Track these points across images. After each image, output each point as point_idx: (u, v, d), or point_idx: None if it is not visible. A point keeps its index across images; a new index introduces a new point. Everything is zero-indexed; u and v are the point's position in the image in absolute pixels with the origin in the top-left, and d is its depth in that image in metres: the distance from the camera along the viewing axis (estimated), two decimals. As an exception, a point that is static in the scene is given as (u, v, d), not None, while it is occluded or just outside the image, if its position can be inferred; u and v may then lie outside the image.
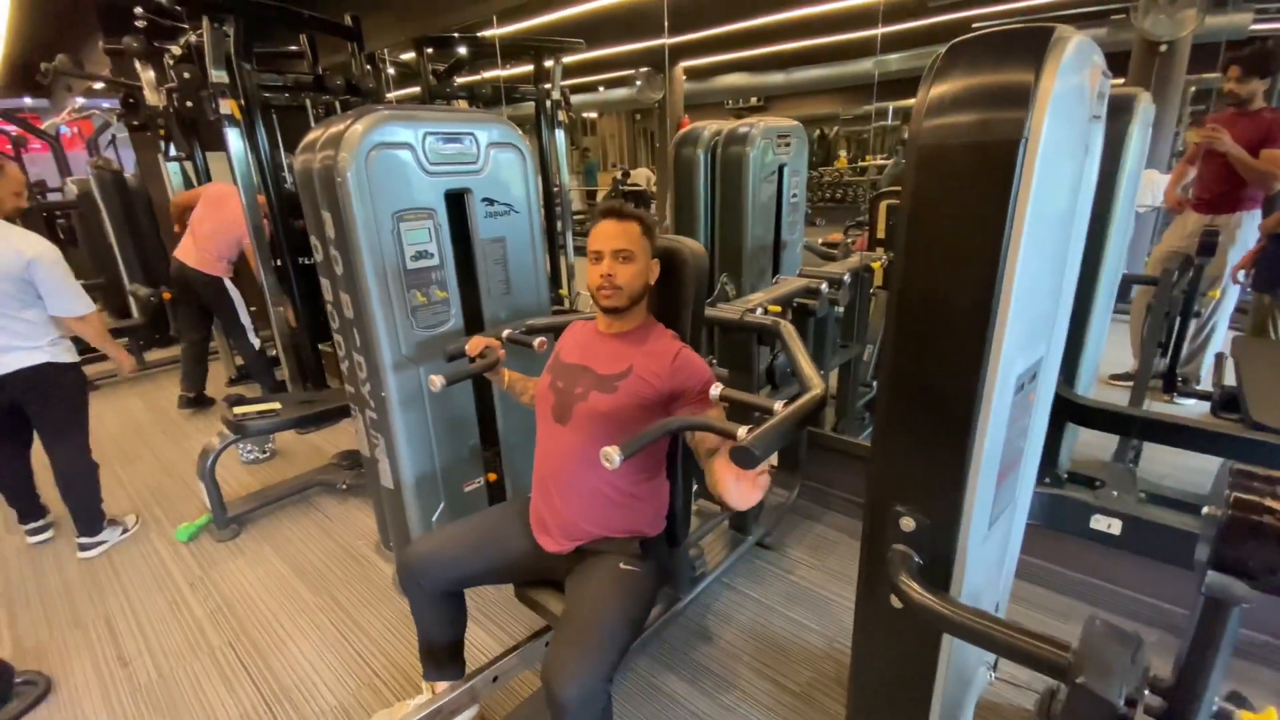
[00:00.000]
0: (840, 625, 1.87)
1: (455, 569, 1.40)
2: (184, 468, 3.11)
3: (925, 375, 0.84)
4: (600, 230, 1.31)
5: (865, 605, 1.04)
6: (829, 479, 2.49)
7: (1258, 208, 2.64)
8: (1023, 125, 0.71)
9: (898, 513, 0.91)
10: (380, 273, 1.68)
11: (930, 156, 0.78)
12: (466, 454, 2.00)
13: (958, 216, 0.77)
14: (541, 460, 1.39)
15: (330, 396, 2.82)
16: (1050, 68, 0.72)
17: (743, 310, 1.73)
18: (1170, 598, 1.76)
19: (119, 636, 2.00)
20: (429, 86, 3.89)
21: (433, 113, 1.80)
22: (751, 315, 1.70)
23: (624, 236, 1.29)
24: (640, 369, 1.30)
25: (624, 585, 1.23)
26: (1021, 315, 0.79)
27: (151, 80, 3.51)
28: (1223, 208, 2.69)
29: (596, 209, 1.38)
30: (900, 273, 0.84)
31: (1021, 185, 0.73)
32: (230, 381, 4.29)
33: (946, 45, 0.80)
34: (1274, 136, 2.37)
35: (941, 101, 0.76)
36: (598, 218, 1.34)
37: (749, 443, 0.92)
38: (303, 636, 1.95)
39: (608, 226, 1.30)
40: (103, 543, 2.43)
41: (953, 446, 0.83)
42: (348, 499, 2.73)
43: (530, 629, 1.89)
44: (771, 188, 3.17)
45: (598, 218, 1.34)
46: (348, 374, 2.00)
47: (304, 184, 1.82)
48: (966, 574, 0.89)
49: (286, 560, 2.34)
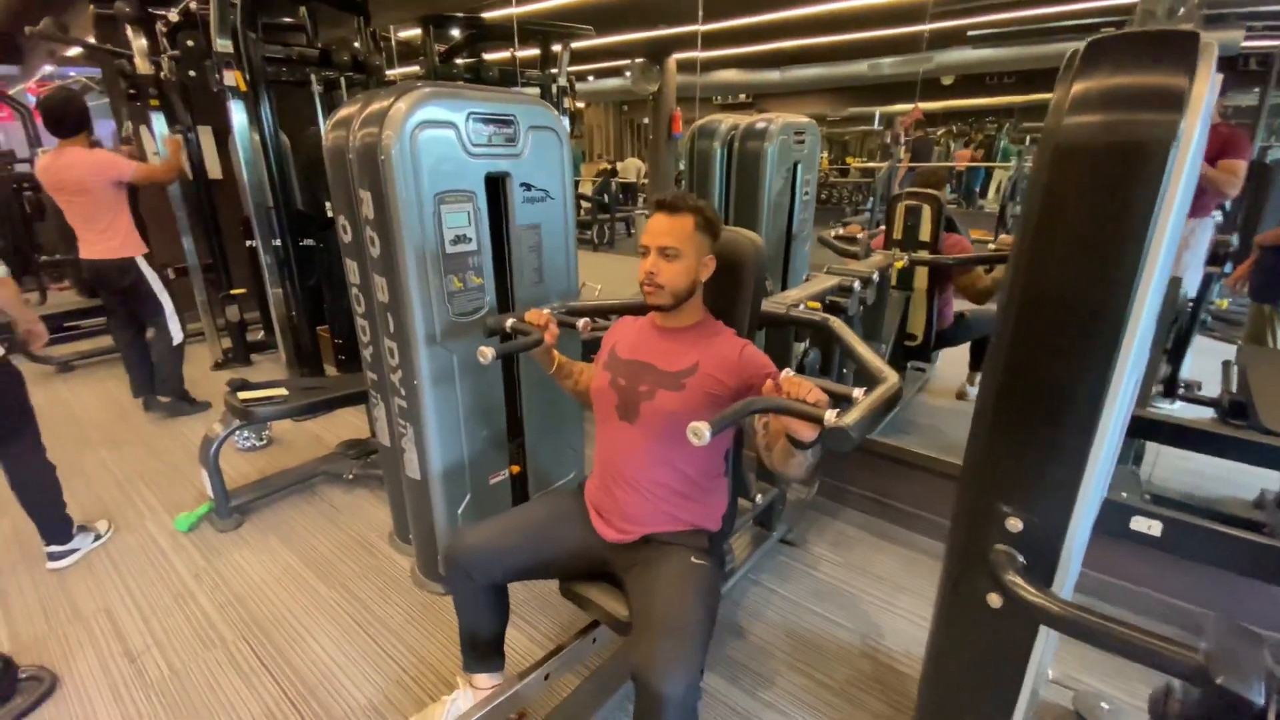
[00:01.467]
0: (870, 622, 1.89)
1: (508, 561, 1.36)
2: (173, 453, 2.99)
3: (1048, 374, 0.83)
4: (651, 224, 1.26)
5: (951, 604, 1.03)
6: (847, 476, 2.51)
7: (1210, 216, 2.73)
8: (1176, 128, 0.71)
9: (1003, 512, 0.90)
10: (420, 256, 1.63)
11: (1070, 154, 0.77)
12: (493, 445, 1.96)
13: (1097, 216, 0.77)
14: (607, 455, 1.36)
15: (336, 383, 2.74)
16: (1203, 72, 0.72)
17: (788, 305, 1.72)
18: (1203, 600, 1.81)
19: (123, 630, 1.90)
20: (433, 66, 3.79)
21: (477, 92, 1.74)
22: (798, 310, 1.69)
23: (672, 233, 1.24)
24: (707, 365, 1.28)
25: (699, 579, 1.22)
26: (1150, 317, 0.79)
27: (143, 48, 3.34)
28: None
29: (652, 199, 1.35)
30: (1024, 269, 0.83)
31: (1169, 188, 0.73)
32: (215, 366, 4.14)
33: (1084, 42, 0.79)
34: (1230, 148, 2.46)
35: (1087, 99, 0.76)
36: (652, 209, 1.29)
37: (848, 425, 0.94)
38: (320, 631, 1.88)
39: (658, 221, 1.26)
40: (74, 550, 2.21)
41: (1072, 446, 0.83)
42: (354, 489, 2.65)
43: (562, 625, 1.87)
44: (785, 184, 3.17)
45: (652, 209, 1.29)
46: (371, 360, 1.94)
47: (335, 162, 1.75)
48: (1070, 575, 0.90)
49: (295, 551, 2.26)
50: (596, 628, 1.56)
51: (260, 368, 4.16)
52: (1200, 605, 1.82)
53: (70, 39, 3.73)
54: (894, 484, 2.41)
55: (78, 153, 2.84)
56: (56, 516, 2.18)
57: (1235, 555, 1.44)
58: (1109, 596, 1.94)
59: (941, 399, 3.27)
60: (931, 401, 3.27)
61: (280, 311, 3.17)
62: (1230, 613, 1.80)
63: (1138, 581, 1.91)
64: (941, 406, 3.19)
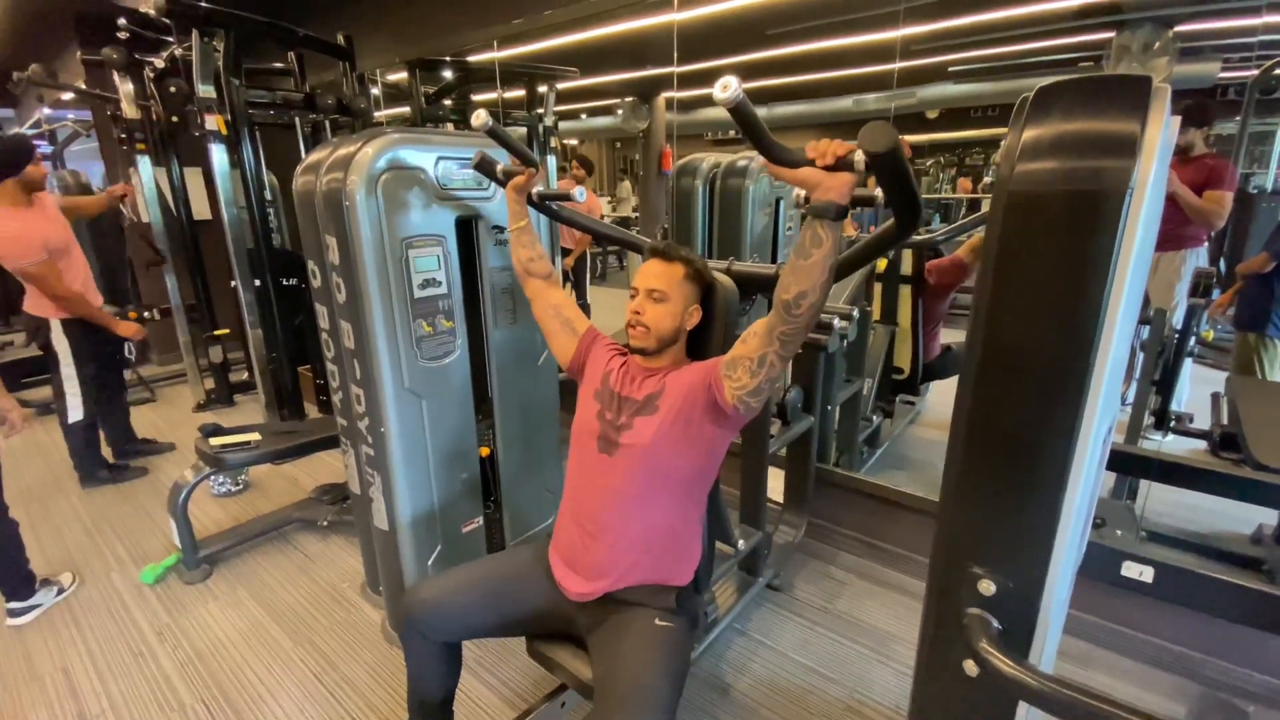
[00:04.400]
0: (857, 675, 1.81)
1: (465, 620, 1.30)
2: (147, 499, 2.91)
3: (1012, 428, 0.79)
4: (643, 269, 1.31)
5: (929, 670, 0.97)
6: (835, 517, 2.45)
7: (1201, 245, 2.74)
8: (1130, 174, 0.68)
9: (975, 575, 0.85)
10: (387, 301, 1.60)
11: (1023, 202, 0.74)
12: (466, 492, 1.90)
13: (1054, 265, 0.74)
14: (579, 495, 1.31)
15: (311, 426, 2.68)
16: (1155, 117, 0.69)
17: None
18: (1198, 645, 1.74)
19: (79, 691, 1.81)
20: (420, 108, 3.83)
21: (446, 136, 1.74)
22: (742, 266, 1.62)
23: (663, 277, 1.29)
24: (673, 383, 1.27)
25: (665, 644, 1.15)
26: (1115, 365, 0.75)
27: (130, 93, 3.38)
28: (1169, 245, 2.78)
29: (646, 247, 1.36)
30: (984, 321, 0.80)
31: (1126, 235, 0.70)
32: (197, 407, 4.09)
33: (1034, 88, 0.77)
34: (1215, 179, 2.47)
35: (1038, 146, 0.73)
36: (646, 255, 1.34)
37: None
38: (283, 691, 1.79)
39: (651, 266, 1.30)
40: (36, 607, 2.14)
41: (1043, 503, 0.79)
42: (329, 536, 2.57)
43: (531, 679, 1.78)
44: (768, 220, 3.18)
45: (646, 255, 1.34)
46: (341, 406, 1.89)
47: (304, 206, 1.73)
48: (1048, 638, 0.84)
49: (263, 604, 2.17)
50: (566, 691, 1.48)
51: (243, 408, 4.10)
52: (1198, 650, 1.75)
53: (59, 85, 3.77)
54: (883, 525, 2.34)
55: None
56: (18, 575, 2.11)
57: (1230, 603, 1.38)
58: (1104, 641, 1.87)
59: (933, 432, 3.22)
60: (923, 435, 3.22)
61: (260, 352, 3.13)
62: (1228, 657, 1.73)
63: (1133, 626, 1.84)
64: (933, 440, 3.14)
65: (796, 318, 1.05)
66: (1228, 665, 1.71)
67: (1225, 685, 1.69)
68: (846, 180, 0.95)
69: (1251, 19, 2.01)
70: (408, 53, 3.69)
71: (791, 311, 1.04)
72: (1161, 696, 1.68)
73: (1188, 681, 1.72)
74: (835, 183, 0.95)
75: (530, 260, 1.58)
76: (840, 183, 0.95)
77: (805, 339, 1.17)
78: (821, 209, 0.97)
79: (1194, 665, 1.74)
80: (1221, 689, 1.68)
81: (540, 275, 1.57)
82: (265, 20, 2.79)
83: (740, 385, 1.15)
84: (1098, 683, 1.73)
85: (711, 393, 1.20)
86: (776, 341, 1.10)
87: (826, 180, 0.95)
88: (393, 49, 3.85)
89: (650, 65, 4.93)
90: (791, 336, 1.08)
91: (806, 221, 1.00)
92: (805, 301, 1.03)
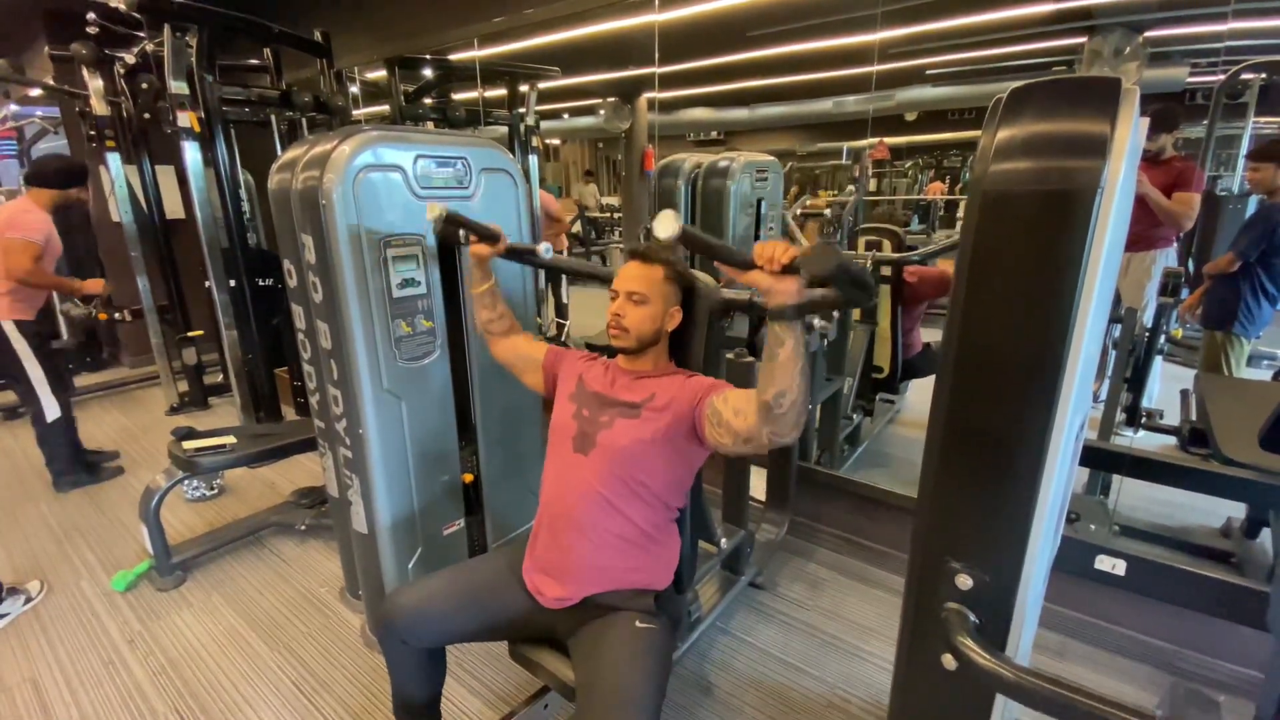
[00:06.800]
0: (839, 671, 1.82)
1: (445, 626, 1.29)
2: (118, 505, 2.85)
3: (988, 425, 0.80)
4: (623, 270, 1.32)
5: (909, 664, 0.98)
6: (817, 514, 2.47)
7: (1170, 246, 2.80)
8: (1100, 174, 0.70)
9: (953, 569, 0.86)
10: (365, 301, 1.57)
11: (997, 202, 0.76)
12: (446, 494, 1.88)
13: (1027, 264, 0.75)
14: (554, 497, 1.30)
15: (288, 428, 2.64)
16: (1124, 118, 0.71)
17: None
18: (1170, 637, 1.78)
19: (48, 704, 1.76)
20: (399, 107, 3.79)
21: (425, 135, 1.72)
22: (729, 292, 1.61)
23: (642, 279, 1.29)
24: (661, 394, 1.26)
25: (646, 647, 1.15)
26: (1087, 363, 0.77)
27: (99, 89, 3.29)
28: (1139, 246, 2.85)
29: (626, 249, 1.36)
30: (960, 320, 0.81)
31: (1096, 234, 0.71)
32: (171, 410, 4.00)
33: (1007, 90, 0.79)
34: (1183, 181, 2.53)
35: (1010, 147, 0.75)
36: (626, 257, 1.34)
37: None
38: (260, 699, 1.76)
39: (630, 268, 1.31)
40: (2, 617, 2.10)
41: (1018, 498, 0.80)
42: (307, 540, 2.53)
43: (515, 682, 1.77)
44: (749, 220, 3.20)
45: (626, 257, 1.34)
46: (318, 408, 1.87)
47: (279, 205, 1.70)
48: (1024, 631, 0.85)
49: (239, 611, 2.13)
50: (549, 693, 1.47)
51: (218, 411, 4.03)
52: (1170, 641, 1.79)
53: (26, 80, 3.67)
54: (864, 522, 2.37)
55: None
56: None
57: (1200, 595, 1.41)
58: (1080, 634, 1.90)
59: (912, 430, 3.26)
60: (902, 433, 3.25)
61: (235, 354, 3.07)
62: (1198, 648, 1.77)
63: (1107, 619, 1.88)
64: (912, 438, 3.17)
65: (781, 417, 1.02)
66: (1199, 655, 1.76)
67: (1196, 675, 1.73)
68: (794, 284, 0.95)
69: (1218, 25, 2.06)
70: (387, 50, 3.65)
71: (774, 412, 1.02)
72: (1134, 687, 1.72)
73: (1160, 672, 1.77)
74: (783, 286, 0.95)
75: (489, 321, 1.58)
76: (788, 286, 0.95)
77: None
78: (777, 312, 0.97)
79: (1166, 656, 1.78)
80: (1193, 679, 1.73)
81: (498, 334, 1.59)
82: (240, 15, 2.74)
83: (719, 443, 1.17)
84: (1073, 674, 1.76)
85: (694, 423, 1.21)
86: (764, 436, 1.07)
87: (776, 285, 0.95)
88: (372, 46, 3.80)
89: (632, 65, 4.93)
90: (781, 437, 1.06)
91: (767, 323, 1.00)
92: (786, 400, 1.01)
